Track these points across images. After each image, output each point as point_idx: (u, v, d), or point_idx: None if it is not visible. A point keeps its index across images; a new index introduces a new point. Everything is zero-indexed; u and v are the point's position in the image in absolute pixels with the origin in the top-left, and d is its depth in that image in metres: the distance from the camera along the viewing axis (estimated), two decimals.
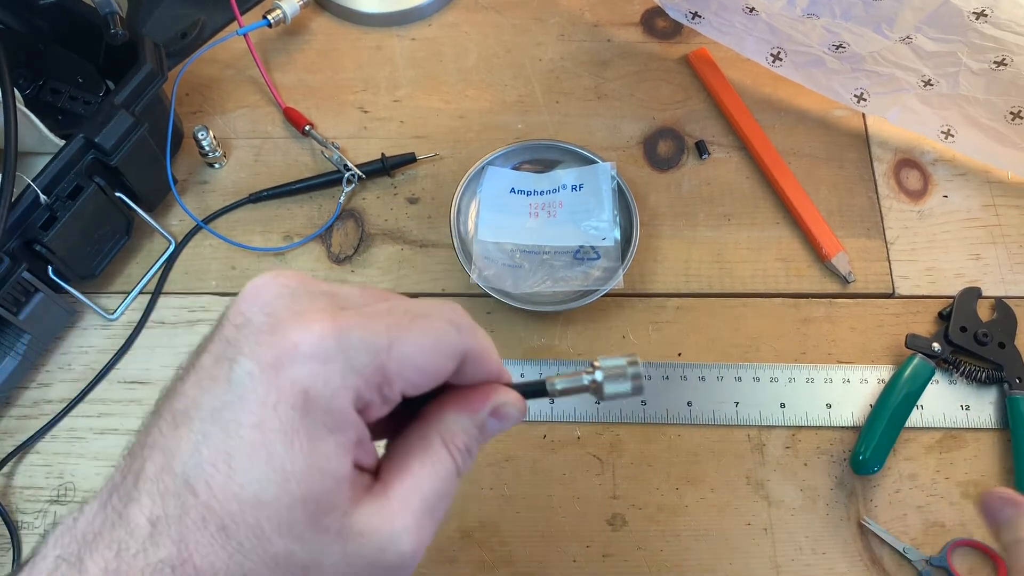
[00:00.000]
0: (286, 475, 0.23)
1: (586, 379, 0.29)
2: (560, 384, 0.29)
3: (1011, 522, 0.34)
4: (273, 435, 0.23)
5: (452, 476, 0.27)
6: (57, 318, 0.56)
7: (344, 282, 0.28)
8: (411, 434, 0.28)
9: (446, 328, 0.26)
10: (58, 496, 0.53)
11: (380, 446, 0.28)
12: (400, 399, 0.26)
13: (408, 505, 0.26)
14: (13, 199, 0.50)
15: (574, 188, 0.60)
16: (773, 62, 0.61)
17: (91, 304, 0.57)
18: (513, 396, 0.29)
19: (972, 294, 0.58)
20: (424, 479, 0.26)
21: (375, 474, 0.27)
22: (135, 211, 0.57)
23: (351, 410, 0.24)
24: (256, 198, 0.61)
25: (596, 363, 0.29)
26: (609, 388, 0.28)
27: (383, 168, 0.61)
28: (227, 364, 0.24)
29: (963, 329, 0.56)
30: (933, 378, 0.55)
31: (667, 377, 0.56)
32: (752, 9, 0.58)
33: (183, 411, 0.24)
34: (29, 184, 0.50)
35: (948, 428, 0.55)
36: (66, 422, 0.55)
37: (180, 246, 0.60)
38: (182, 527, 0.23)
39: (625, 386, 0.28)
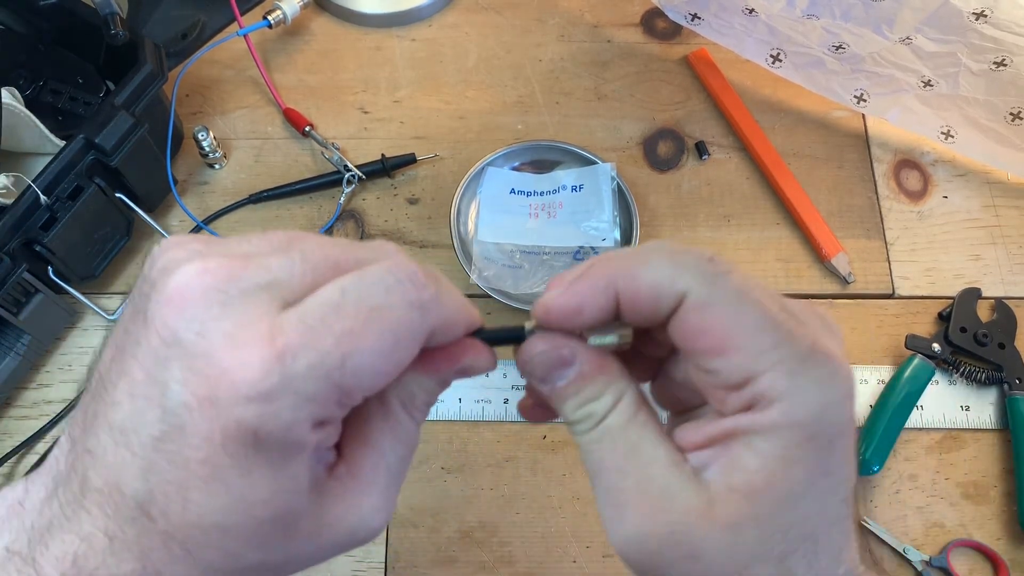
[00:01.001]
0: (248, 503, 0.22)
1: None
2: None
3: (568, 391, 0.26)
4: (226, 470, 0.21)
5: (414, 437, 0.26)
6: (57, 318, 0.56)
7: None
8: (369, 400, 0.25)
9: (407, 316, 0.23)
10: None
11: None
12: (362, 400, 0.23)
13: (374, 482, 0.25)
14: (14, 200, 0.50)
15: (574, 189, 0.60)
16: (773, 63, 0.62)
17: (91, 305, 0.57)
18: (483, 357, 0.26)
19: (972, 295, 0.58)
20: (387, 450, 0.25)
21: (338, 446, 0.25)
22: (135, 212, 0.57)
23: (308, 433, 0.22)
24: (256, 199, 0.61)
25: None
26: (594, 339, 0.26)
27: (383, 169, 0.62)
28: (159, 387, 0.21)
29: (963, 330, 0.56)
30: (933, 379, 0.55)
31: None
32: (752, 10, 0.58)
33: (120, 427, 0.22)
34: (29, 185, 0.50)
35: (948, 429, 0.55)
36: (66, 423, 0.55)
37: None
38: (142, 547, 0.22)
39: (611, 339, 0.26)
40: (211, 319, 0.21)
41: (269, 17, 0.64)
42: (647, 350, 0.28)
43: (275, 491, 0.22)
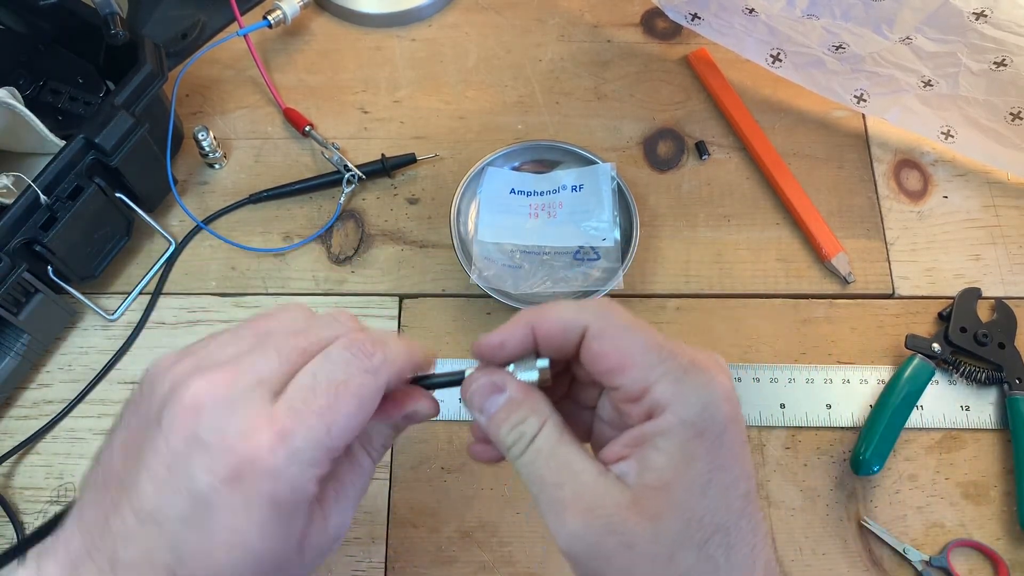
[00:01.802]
0: (261, 558, 0.28)
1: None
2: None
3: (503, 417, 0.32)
4: (248, 535, 0.27)
5: (371, 471, 0.33)
6: (57, 318, 0.56)
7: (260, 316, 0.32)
8: None
9: (367, 382, 0.29)
10: (58, 496, 0.53)
11: None
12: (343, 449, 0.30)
13: (341, 510, 0.31)
14: (14, 200, 0.50)
15: (574, 189, 0.60)
16: (773, 63, 0.62)
17: (91, 304, 0.57)
18: (425, 403, 0.33)
19: (972, 295, 0.58)
20: (350, 485, 0.32)
21: None
22: (135, 212, 0.57)
23: (314, 487, 0.29)
24: (256, 199, 0.61)
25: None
26: (520, 375, 0.32)
27: (383, 169, 0.62)
28: (185, 478, 0.27)
29: (963, 330, 0.56)
30: (933, 379, 0.55)
31: None
32: (752, 10, 0.58)
33: (148, 513, 0.27)
34: (29, 184, 0.50)
35: (948, 428, 0.55)
36: (66, 422, 0.55)
37: (180, 247, 0.60)
38: None
39: (533, 375, 0.32)
40: (224, 421, 0.27)
41: (269, 17, 0.64)
42: (580, 398, 0.35)
43: (284, 541, 0.28)
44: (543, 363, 0.32)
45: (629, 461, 0.29)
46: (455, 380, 0.33)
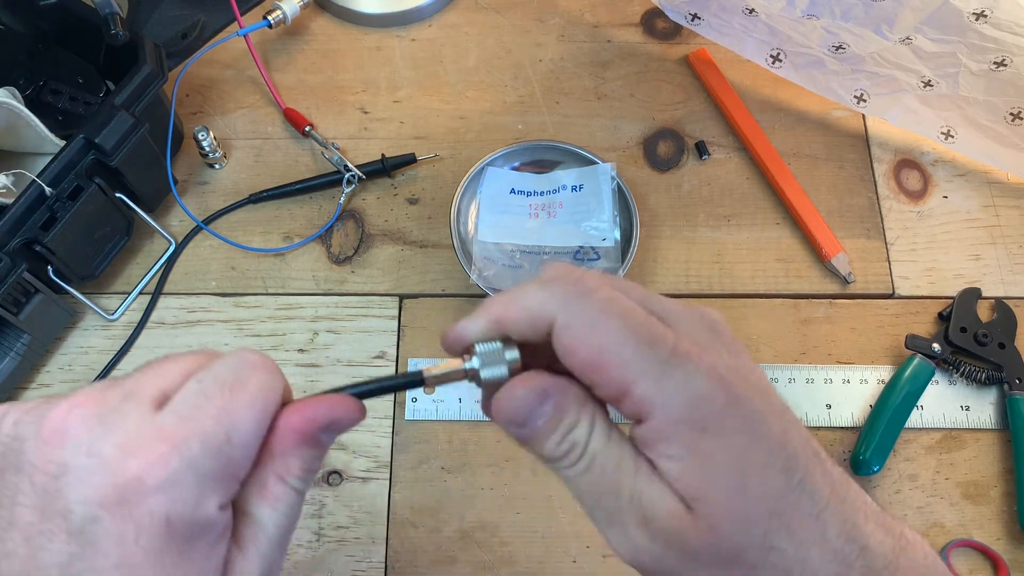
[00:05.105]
0: None
1: (466, 366, 0.28)
2: (436, 372, 0.28)
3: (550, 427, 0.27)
4: (140, 567, 0.23)
5: (296, 504, 0.27)
6: (57, 318, 0.56)
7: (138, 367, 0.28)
8: (248, 477, 0.27)
9: (264, 379, 0.26)
10: None
11: None
12: (250, 467, 0.26)
13: (259, 552, 0.26)
14: (16, 198, 0.50)
15: (574, 189, 0.60)
16: (773, 63, 0.62)
17: (91, 304, 0.57)
18: (341, 408, 0.27)
19: (972, 295, 0.58)
20: (268, 523, 0.26)
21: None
22: (135, 211, 0.57)
23: (215, 510, 0.24)
24: (256, 199, 0.61)
25: (474, 348, 0.28)
26: (486, 373, 0.28)
27: (383, 169, 0.62)
28: (59, 518, 0.23)
29: (963, 330, 0.56)
30: (933, 379, 0.55)
31: None
32: (752, 10, 0.58)
33: (21, 574, 0.23)
34: (33, 180, 0.50)
35: (948, 428, 0.55)
36: None
37: (180, 247, 0.60)
38: None
39: (502, 370, 0.27)
40: (96, 438, 0.24)
41: (269, 17, 0.64)
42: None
43: (185, 572, 0.24)
44: (512, 354, 0.27)
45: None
46: (413, 381, 0.29)
